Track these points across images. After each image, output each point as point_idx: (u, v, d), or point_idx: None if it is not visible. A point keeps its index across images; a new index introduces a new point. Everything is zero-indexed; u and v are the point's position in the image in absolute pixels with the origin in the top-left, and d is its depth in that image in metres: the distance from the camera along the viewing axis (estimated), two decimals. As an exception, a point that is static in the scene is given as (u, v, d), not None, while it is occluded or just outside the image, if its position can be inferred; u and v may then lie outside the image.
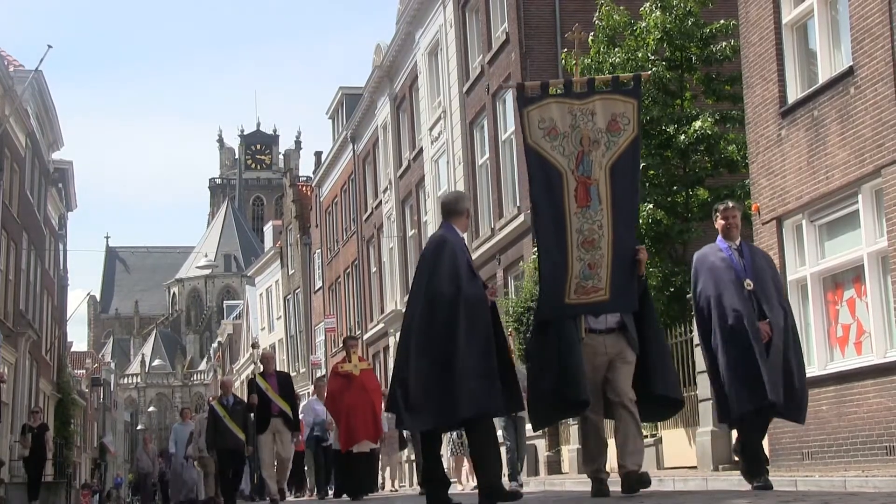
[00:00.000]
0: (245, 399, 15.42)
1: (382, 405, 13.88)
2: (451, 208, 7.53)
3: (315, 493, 18.25)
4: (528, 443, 16.68)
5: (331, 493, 16.40)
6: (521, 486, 13.33)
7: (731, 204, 8.61)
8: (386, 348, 34.29)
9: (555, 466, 19.80)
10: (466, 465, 15.54)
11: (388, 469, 19.56)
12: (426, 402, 7.01)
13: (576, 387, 7.33)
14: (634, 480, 7.45)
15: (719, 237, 8.48)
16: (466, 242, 8.33)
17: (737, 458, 8.74)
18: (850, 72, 12.10)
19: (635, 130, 7.64)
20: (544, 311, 7.71)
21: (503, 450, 15.38)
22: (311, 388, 20.53)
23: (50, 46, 22.20)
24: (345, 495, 14.05)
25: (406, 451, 21.93)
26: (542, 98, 7.65)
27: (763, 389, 7.83)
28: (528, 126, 7.54)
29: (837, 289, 12.64)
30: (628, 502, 7.18)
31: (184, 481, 22.93)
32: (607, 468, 7.83)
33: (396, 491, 18.89)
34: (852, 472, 10.81)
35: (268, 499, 15.09)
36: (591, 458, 7.79)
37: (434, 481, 7.33)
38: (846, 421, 11.88)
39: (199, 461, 19.32)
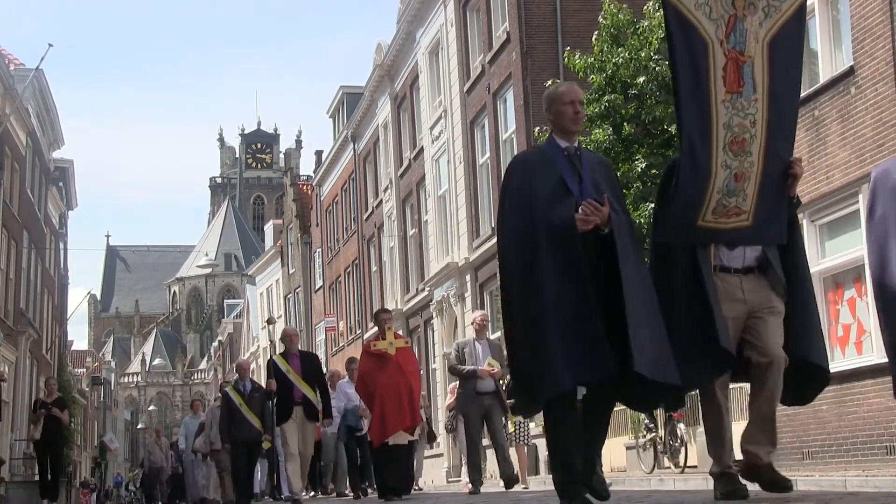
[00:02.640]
0: (263, 384, 13.39)
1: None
2: (545, 111, 5.59)
3: (339, 492, 16.51)
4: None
5: (371, 492, 14.86)
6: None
7: None
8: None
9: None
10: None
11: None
12: (518, 378, 5.32)
13: (721, 335, 5.34)
14: (778, 481, 5.55)
15: None
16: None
17: None
18: (850, 71, 12.10)
19: None
20: (666, 231, 5.68)
21: None
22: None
23: (50, 45, 22.26)
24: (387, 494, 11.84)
25: (432, 446, 20.93)
26: None
27: None
28: None
29: (838, 288, 12.66)
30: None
31: (194, 479, 21.26)
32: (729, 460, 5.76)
33: (421, 490, 17.60)
34: (852, 471, 10.82)
35: (291, 497, 12.89)
36: (721, 450, 5.71)
37: (567, 471, 5.26)
38: (846, 421, 11.88)
39: (213, 455, 17.00)
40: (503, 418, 12.69)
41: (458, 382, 13.13)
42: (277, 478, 16.47)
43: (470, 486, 14.57)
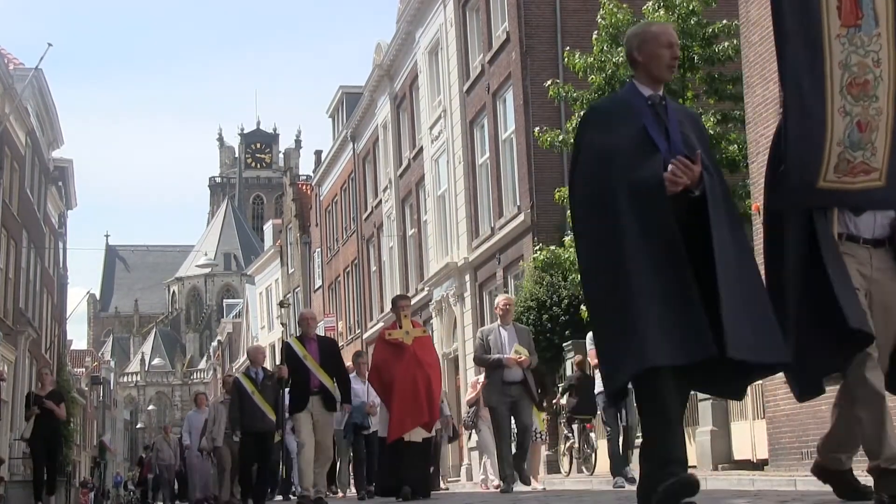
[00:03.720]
0: (278, 372, 12.07)
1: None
2: (627, 55, 4.72)
3: (347, 491, 16.01)
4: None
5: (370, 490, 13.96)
6: (624, 483, 11.30)
7: None
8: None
9: (554, 466, 19.78)
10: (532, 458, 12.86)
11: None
12: (604, 356, 4.54)
13: (850, 311, 4.49)
14: (859, 489, 5.14)
15: None
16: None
17: None
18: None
19: None
20: (781, 197, 4.78)
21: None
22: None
23: (50, 45, 22.35)
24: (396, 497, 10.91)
25: (454, 443, 20.64)
26: None
27: None
28: None
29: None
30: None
31: (200, 476, 20.04)
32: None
33: (447, 489, 17.27)
34: (852, 472, 10.78)
35: (302, 493, 11.12)
36: (880, 442, 4.88)
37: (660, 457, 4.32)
38: (846, 421, 11.87)
39: (215, 453, 16.09)
40: (532, 412, 11.60)
41: (482, 376, 12.29)
42: (289, 474, 15.92)
43: (489, 484, 14.35)
